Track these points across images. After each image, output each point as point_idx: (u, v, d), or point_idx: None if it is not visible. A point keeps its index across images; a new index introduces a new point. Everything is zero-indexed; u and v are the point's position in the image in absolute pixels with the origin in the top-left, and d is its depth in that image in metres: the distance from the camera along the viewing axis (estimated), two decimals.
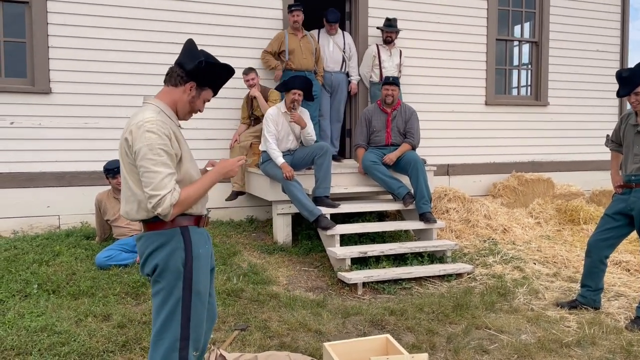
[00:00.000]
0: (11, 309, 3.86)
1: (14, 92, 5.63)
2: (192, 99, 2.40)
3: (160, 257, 2.32)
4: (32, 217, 5.72)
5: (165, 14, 6.13)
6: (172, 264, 2.31)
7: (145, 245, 2.36)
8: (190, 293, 2.33)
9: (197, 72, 2.35)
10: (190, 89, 2.38)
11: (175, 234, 2.33)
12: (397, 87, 5.80)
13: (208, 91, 2.44)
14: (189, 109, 2.42)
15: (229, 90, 6.38)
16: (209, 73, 2.39)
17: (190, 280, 2.33)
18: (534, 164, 8.12)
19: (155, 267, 2.34)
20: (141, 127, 2.21)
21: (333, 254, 4.97)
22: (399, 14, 7.09)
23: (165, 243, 2.32)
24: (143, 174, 2.21)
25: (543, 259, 5.60)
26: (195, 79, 2.37)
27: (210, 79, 2.41)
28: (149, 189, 2.20)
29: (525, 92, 8.45)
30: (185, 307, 2.33)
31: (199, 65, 2.32)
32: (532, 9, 8.14)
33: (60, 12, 5.74)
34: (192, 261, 2.34)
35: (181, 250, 2.32)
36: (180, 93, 2.38)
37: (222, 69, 2.44)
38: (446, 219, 6.28)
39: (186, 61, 2.36)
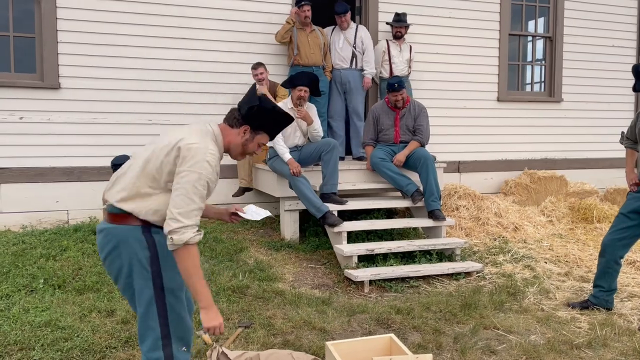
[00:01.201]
0: (16, 304, 3.87)
1: (24, 87, 5.65)
2: (245, 142, 2.43)
3: (123, 256, 2.28)
4: (41, 212, 5.74)
5: (175, 9, 6.10)
6: (136, 263, 2.27)
7: (107, 239, 2.30)
8: (163, 291, 2.30)
9: (250, 116, 2.39)
10: (244, 132, 2.41)
11: (136, 232, 2.26)
12: (405, 90, 5.71)
13: (263, 135, 2.46)
14: (241, 150, 2.44)
15: (238, 85, 6.36)
16: (262, 117, 2.41)
17: (160, 279, 2.29)
18: (547, 161, 7.99)
19: (119, 267, 2.31)
20: (202, 153, 2.20)
21: (340, 251, 4.92)
22: (409, 9, 6.99)
23: (126, 240, 2.26)
24: (180, 194, 2.17)
25: (555, 258, 5.50)
26: (249, 122, 2.40)
27: (264, 123, 2.43)
28: (178, 211, 2.16)
29: (539, 88, 8.31)
30: (160, 307, 2.30)
31: (249, 110, 2.37)
32: (546, 4, 7.98)
33: (70, 7, 5.74)
34: (158, 259, 2.29)
35: (145, 249, 2.27)
36: (235, 134, 2.41)
37: (277, 115, 2.46)
38: (456, 216, 6.20)
39: (243, 105, 2.41)
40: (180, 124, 6.14)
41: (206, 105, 6.28)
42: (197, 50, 6.21)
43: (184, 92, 6.19)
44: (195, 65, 6.21)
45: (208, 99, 6.29)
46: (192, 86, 6.22)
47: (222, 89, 6.33)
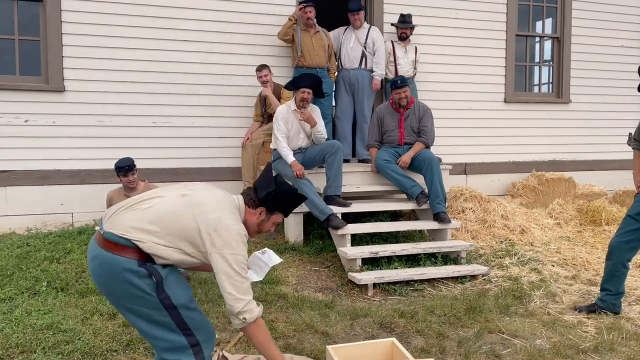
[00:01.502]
0: (19, 307, 3.87)
1: (29, 90, 5.68)
2: (261, 222, 2.52)
3: (122, 288, 2.26)
4: (46, 214, 5.75)
5: (178, 12, 6.10)
6: (137, 293, 2.25)
7: (102, 269, 2.27)
8: (176, 309, 2.31)
9: (266, 200, 2.48)
10: (260, 213, 2.50)
11: (132, 264, 2.24)
12: (407, 87, 5.66)
13: (278, 215, 2.56)
14: (257, 229, 2.53)
15: (242, 88, 6.35)
16: (279, 201, 2.52)
17: (169, 299, 2.29)
18: (555, 163, 7.91)
19: (118, 297, 2.30)
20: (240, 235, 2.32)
21: (343, 254, 4.88)
22: (415, 10, 6.95)
23: (124, 272, 2.23)
24: (230, 276, 2.27)
25: (562, 261, 5.43)
26: (265, 205, 2.50)
27: (279, 206, 2.54)
28: (236, 292, 2.28)
29: (546, 89, 8.24)
30: (179, 323, 2.33)
31: (267, 195, 2.48)
32: (553, 4, 7.91)
33: (75, 11, 5.76)
34: (161, 282, 2.28)
35: (145, 278, 2.25)
36: (251, 214, 2.50)
37: (292, 198, 2.59)
38: (462, 219, 6.14)
39: (259, 187, 2.50)
40: (184, 126, 6.15)
41: (210, 108, 6.28)
42: (202, 52, 6.21)
43: (189, 95, 6.19)
44: (199, 68, 6.21)
45: (213, 101, 6.28)
46: (197, 88, 6.22)
47: (226, 91, 6.32)
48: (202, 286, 4.34)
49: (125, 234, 2.26)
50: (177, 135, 6.18)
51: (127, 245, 2.25)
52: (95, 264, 2.30)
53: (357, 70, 6.49)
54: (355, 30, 6.52)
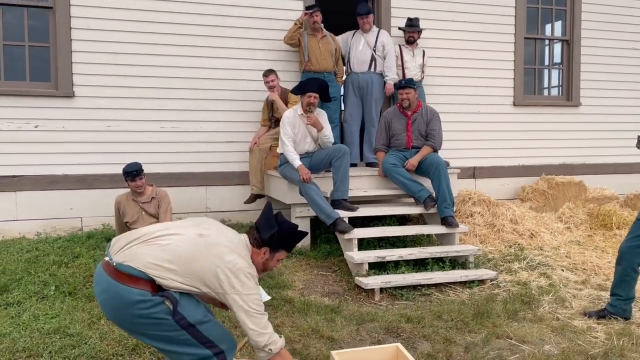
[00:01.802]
0: (27, 311, 3.89)
1: (39, 96, 5.73)
2: (266, 261, 2.60)
3: (136, 317, 2.32)
4: (55, 219, 5.80)
5: (186, 17, 6.14)
6: (153, 320, 2.32)
7: (113, 301, 2.32)
8: (195, 327, 2.39)
9: (270, 241, 2.55)
10: (264, 253, 2.57)
11: (146, 295, 2.30)
12: (413, 89, 5.65)
13: (282, 252, 2.64)
14: (262, 268, 2.60)
15: (249, 92, 6.37)
16: (282, 240, 2.59)
17: (185, 320, 2.36)
18: (565, 167, 7.84)
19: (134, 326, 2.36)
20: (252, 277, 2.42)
21: (350, 259, 4.86)
22: (422, 14, 6.94)
23: (137, 302, 2.29)
24: (250, 315, 2.38)
25: (572, 266, 5.37)
26: (269, 245, 2.56)
27: (283, 244, 2.62)
28: (258, 328, 2.39)
29: (557, 92, 8.17)
30: (199, 338, 2.41)
31: (270, 237, 2.54)
32: (562, 7, 7.86)
33: (84, 17, 5.82)
34: (176, 305, 2.33)
35: (158, 304, 2.31)
36: (256, 254, 2.56)
37: (295, 235, 2.66)
38: (470, 223, 6.10)
39: (263, 228, 2.56)
40: (192, 131, 6.18)
41: (218, 112, 6.30)
42: (209, 57, 6.24)
43: (196, 100, 6.22)
44: (207, 73, 6.24)
45: (220, 106, 6.31)
46: (204, 93, 6.25)
47: (234, 95, 6.35)
48: None
49: (142, 269, 2.32)
50: (184, 140, 6.21)
51: (142, 277, 2.31)
52: (106, 295, 2.35)
53: (366, 74, 6.48)
54: (364, 34, 6.51)
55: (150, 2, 6.02)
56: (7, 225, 5.65)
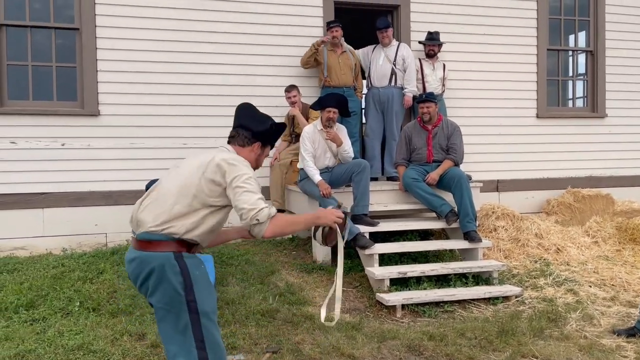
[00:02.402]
0: (52, 327, 3.95)
1: (65, 114, 5.88)
2: (257, 157, 2.65)
3: (157, 282, 2.34)
4: (81, 235, 5.90)
5: (208, 36, 6.25)
6: (170, 289, 2.32)
7: (140, 268, 2.37)
8: (198, 315, 2.34)
9: (265, 134, 2.62)
10: (257, 148, 2.62)
11: (168, 258, 2.33)
12: (433, 103, 5.62)
13: (268, 148, 2.71)
14: (254, 165, 2.61)
15: (270, 108, 6.39)
16: (274, 134, 2.67)
17: (195, 303, 2.34)
18: (592, 179, 7.68)
19: (154, 293, 2.36)
20: (242, 161, 2.44)
21: (371, 274, 4.83)
22: (442, 27, 6.92)
23: (159, 267, 2.33)
24: (242, 193, 2.34)
25: (600, 282, 5.23)
26: (261, 139, 2.62)
27: (273, 138, 2.71)
28: (248, 204, 2.32)
29: (581, 104, 8.04)
30: (196, 331, 2.34)
31: (270, 128, 2.61)
32: (586, 17, 7.76)
33: (109, 37, 5.97)
34: (191, 284, 2.34)
35: (178, 274, 2.33)
36: (248, 152, 2.60)
37: (282, 128, 2.73)
38: (494, 237, 6.00)
39: (254, 124, 2.61)
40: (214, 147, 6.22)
41: None
42: (232, 74, 6.32)
43: (218, 116, 6.28)
44: (228, 90, 6.30)
45: None
46: (226, 110, 6.28)
47: None
48: (230, 307, 4.35)
49: (153, 228, 2.35)
50: None
51: (161, 239, 2.34)
52: (133, 265, 2.40)
53: (386, 88, 6.48)
54: (384, 48, 6.52)
55: (173, 22, 6.13)
56: (34, 241, 5.77)
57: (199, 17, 6.23)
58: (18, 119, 5.75)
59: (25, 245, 5.74)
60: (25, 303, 4.29)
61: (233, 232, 2.82)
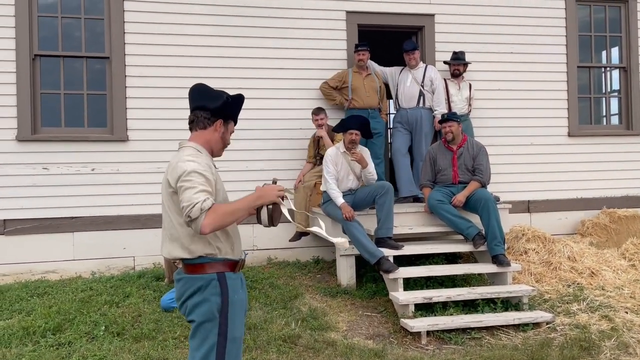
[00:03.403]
0: (76, 352, 4.00)
1: (96, 140, 6.04)
2: (223, 135, 2.56)
3: (196, 302, 2.37)
4: (110, 258, 6.01)
5: (233, 62, 6.35)
6: (207, 310, 2.35)
7: (184, 288, 2.42)
8: (225, 340, 2.36)
9: (224, 108, 2.51)
10: (219, 126, 2.53)
11: (211, 279, 2.38)
12: (456, 122, 5.54)
13: (231, 123, 2.61)
14: (222, 144, 2.58)
15: (295, 131, 6.44)
16: (232, 107, 2.56)
17: (226, 327, 2.36)
18: (629, 199, 7.40)
19: (191, 311, 2.39)
20: (182, 160, 2.36)
21: (395, 299, 4.73)
22: (468, 47, 6.86)
23: (201, 288, 2.37)
24: (182, 192, 2.28)
25: (637, 307, 4.99)
26: (221, 115, 2.52)
27: (234, 111, 2.60)
28: (187, 201, 2.25)
29: (616, 121, 7.80)
30: (219, 354, 2.35)
31: (226, 101, 2.50)
32: (617, 33, 7.57)
33: (138, 65, 6.13)
34: (227, 307, 2.37)
35: (217, 296, 2.36)
36: (212, 132, 2.52)
37: (240, 100, 2.61)
38: (524, 260, 5.82)
39: (209, 102, 2.51)
40: (239, 170, 6.30)
41: (264, 152, 6.39)
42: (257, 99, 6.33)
43: (244, 140, 6.32)
44: (254, 114, 6.30)
45: (267, 145, 6.40)
46: (252, 133, 6.35)
47: (280, 134, 6.44)
48: (251, 332, 4.33)
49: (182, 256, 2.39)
50: (232, 179, 6.27)
51: (200, 262, 2.37)
52: (179, 285, 2.45)
53: (415, 109, 6.45)
54: (411, 70, 6.50)
55: (199, 49, 6.26)
56: (65, 265, 5.90)
57: (223, 43, 6.33)
58: (50, 145, 5.93)
59: (56, 268, 5.87)
60: (52, 327, 4.36)
61: None
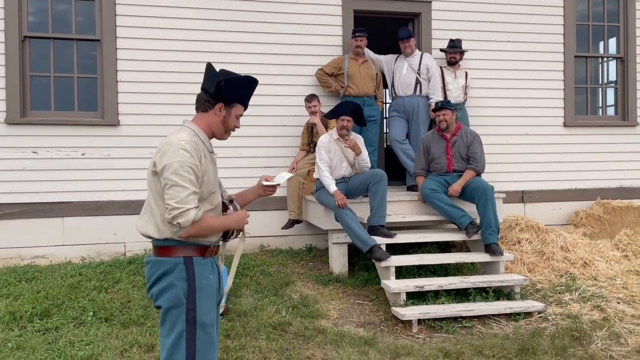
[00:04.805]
0: (63, 337, 3.95)
1: (86, 124, 5.95)
2: (224, 119, 2.44)
3: (162, 287, 2.30)
4: (100, 244, 5.95)
5: (226, 46, 6.25)
6: (173, 295, 2.28)
7: (151, 271, 2.36)
8: (195, 326, 2.28)
9: (220, 92, 2.39)
10: (220, 110, 2.42)
11: (177, 263, 2.29)
12: (450, 110, 5.48)
13: (238, 107, 2.47)
14: (223, 129, 2.46)
15: (288, 118, 6.38)
16: (231, 89, 2.41)
17: (194, 312, 2.28)
18: (623, 190, 7.38)
19: (158, 297, 2.32)
20: (175, 144, 2.25)
21: (387, 288, 4.70)
22: (464, 34, 6.78)
23: (168, 272, 2.30)
24: (170, 187, 2.21)
25: (629, 298, 4.98)
26: (221, 99, 2.41)
27: (235, 94, 2.44)
28: (174, 201, 2.19)
29: (612, 112, 7.76)
30: (189, 341, 2.27)
31: (218, 85, 2.36)
32: (615, 23, 7.51)
33: (129, 48, 6.03)
34: (195, 293, 2.29)
35: (183, 281, 2.29)
36: (212, 116, 2.43)
37: (244, 82, 2.46)
38: (517, 250, 5.80)
39: (208, 85, 2.41)
40: (232, 157, 6.23)
41: (256, 138, 6.32)
42: None
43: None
44: None
45: (259, 132, 6.33)
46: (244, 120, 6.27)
47: (273, 121, 6.37)
48: (241, 319, 4.29)
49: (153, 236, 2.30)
50: (225, 166, 6.20)
51: (169, 245, 2.29)
52: (146, 268, 2.38)
53: (411, 97, 6.38)
54: (407, 58, 6.43)
55: (192, 33, 6.16)
56: (54, 250, 5.84)
57: (217, 27, 6.24)
58: (40, 129, 5.84)
59: (45, 253, 5.81)
60: (40, 312, 4.31)
61: (249, 194, 2.77)
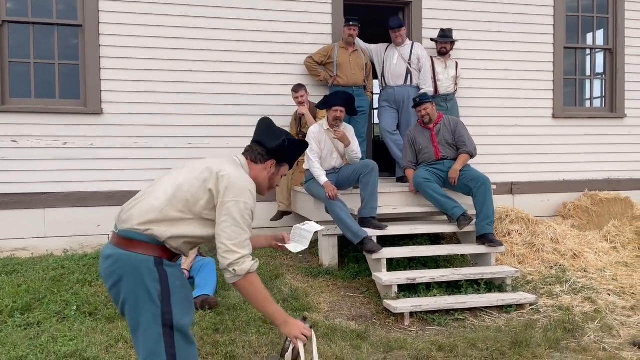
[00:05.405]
0: (46, 332, 3.81)
1: (68, 113, 5.77)
2: (272, 176, 2.45)
3: (131, 288, 2.12)
4: (83, 236, 5.79)
5: (213, 33, 6.10)
6: (145, 297, 2.12)
7: (115, 267, 2.15)
8: (172, 330, 2.14)
9: (279, 151, 2.41)
10: (270, 167, 2.43)
11: (148, 263, 2.13)
12: (429, 104, 5.43)
13: (285, 167, 2.51)
14: (268, 185, 2.46)
15: (276, 107, 6.25)
16: (290, 151, 2.47)
17: (170, 316, 2.13)
18: (610, 182, 7.41)
19: (126, 299, 2.15)
20: (244, 183, 2.22)
21: (379, 280, 4.64)
22: (455, 24, 6.71)
23: (136, 271, 2.12)
24: (230, 226, 2.16)
25: (619, 290, 4.99)
26: (276, 157, 2.43)
27: (290, 155, 2.51)
28: (232, 242, 2.16)
29: (600, 104, 7.77)
30: (168, 346, 2.13)
31: (282, 143, 2.39)
32: (604, 15, 7.50)
33: (112, 34, 5.85)
34: (169, 295, 2.14)
35: (156, 282, 2.13)
36: (261, 169, 2.41)
37: (302, 146, 2.57)
38: (508, 242, 5.77)
39: (267, 140, 2.41)
40: (219, 147, 6.10)
41: (245, 128, 6.16)
42: (238, 73, 6.18)
43: (224, 115, 6.15)
44: (235, 89, 6.17)
45: (248, 122, 6.18)
46: (233, 109, 6.17)
47: (261, 111, 6.20)
48: (230, 313, 4.19)
49: (137, 227, 2.15)
50: (212, 156, 6.12)
51: (143, 240, 2.15)
52: (108, 263, 2.18)
53: (402, 87, 6.30)
54: (397, 47, 6.33)
55: (177, 19, 6.00)
56: (36, 242, 5.67)
57: (203, 13, 6.08)
58: (20, 117, 5.65)
59: (26, 246, 5.64)
60: (21, 306, 4.16)
61: (262, 241, 2.74)
